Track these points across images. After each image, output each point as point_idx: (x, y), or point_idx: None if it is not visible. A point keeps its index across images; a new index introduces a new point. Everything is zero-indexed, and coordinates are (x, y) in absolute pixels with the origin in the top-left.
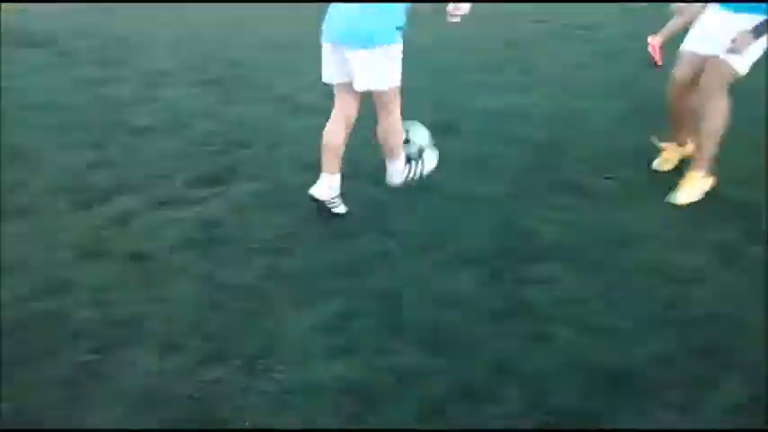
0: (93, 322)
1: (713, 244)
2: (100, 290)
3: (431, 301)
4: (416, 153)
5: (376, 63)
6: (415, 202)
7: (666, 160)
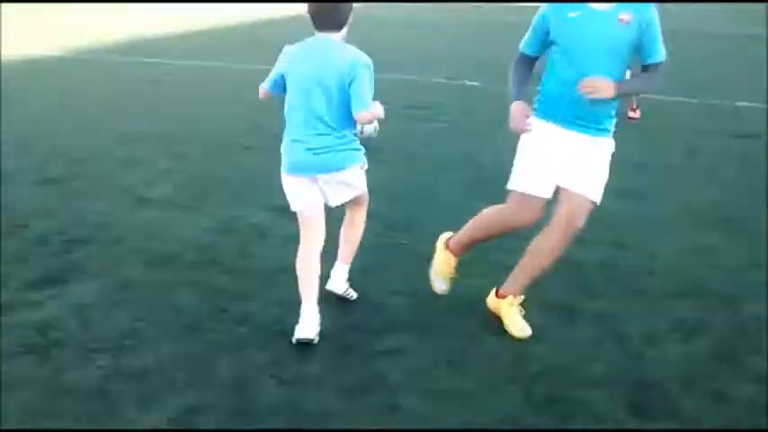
0: None
1: (552, 303)
2: None
3: (284, 384)
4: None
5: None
6: (268, 285)
7: None
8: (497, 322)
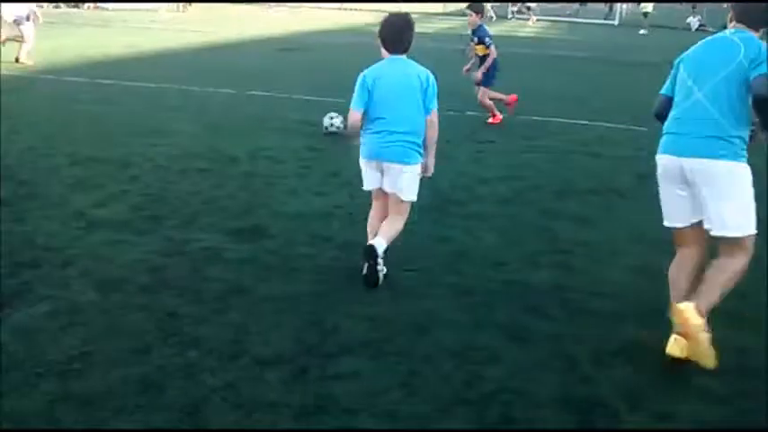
0: None
1: (503, 324)
2: None
3: (236, 407)
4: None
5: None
6: (221, 308)
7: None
8: (451, 342)
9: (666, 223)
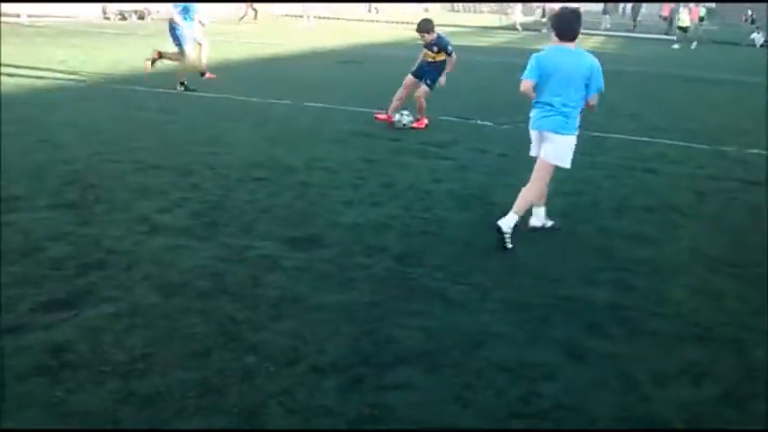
0: None
1: (559, 341)
2: None
3: (293, 413)
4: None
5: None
6: (278, 315)
7: None
8: (505, 357)
9: None
